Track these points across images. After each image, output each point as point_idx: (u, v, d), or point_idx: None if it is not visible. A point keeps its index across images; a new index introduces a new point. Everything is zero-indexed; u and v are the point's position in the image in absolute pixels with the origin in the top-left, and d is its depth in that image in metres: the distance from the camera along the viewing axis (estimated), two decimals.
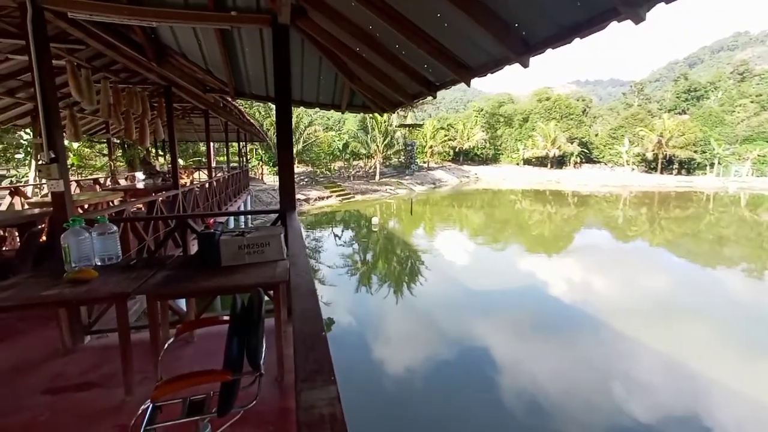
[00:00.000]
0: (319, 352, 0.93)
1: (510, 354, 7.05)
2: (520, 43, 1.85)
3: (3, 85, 6.68)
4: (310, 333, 1.02)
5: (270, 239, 2.83)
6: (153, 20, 3.10)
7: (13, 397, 2.29)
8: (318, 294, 1.54)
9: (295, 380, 0.84)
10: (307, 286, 1.40)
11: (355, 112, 5.10)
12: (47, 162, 2.92)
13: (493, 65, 2.30)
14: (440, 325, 8.39)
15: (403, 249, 16.70)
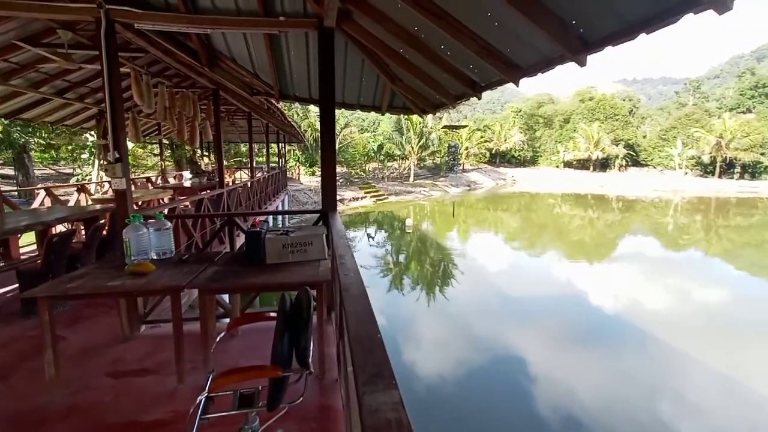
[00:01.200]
0: (377, 355, 0.93)
1: (546, 364, 6.77)
2: (577, 40, 1.77)
3: (75, 91, 7.30)
4: (366, 335, 1.02)
5: (313, 239, 2.89)
6: (208, 27, 3.26)
7: (84, 377, 2.48)
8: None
9: (356, 383, 0.84)
10: (357, 287, 1.40)
11: (395, 114, 5.11)
12: (112, 162, 3.15)
13: (545, 65, 2.22)
14: (473, 330, 8.21)
15: (436, 251, 16.55)
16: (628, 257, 14.60)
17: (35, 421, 2.07)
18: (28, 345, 2.92)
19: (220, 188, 6.38)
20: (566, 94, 59.69)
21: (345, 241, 2.22)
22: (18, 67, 5.79)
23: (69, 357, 2.71)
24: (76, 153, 16.10)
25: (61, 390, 2.32)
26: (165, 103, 4.93)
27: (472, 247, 16.92)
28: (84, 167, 15.09)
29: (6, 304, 3.76)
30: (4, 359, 2.71)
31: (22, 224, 4.12)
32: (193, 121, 5.83)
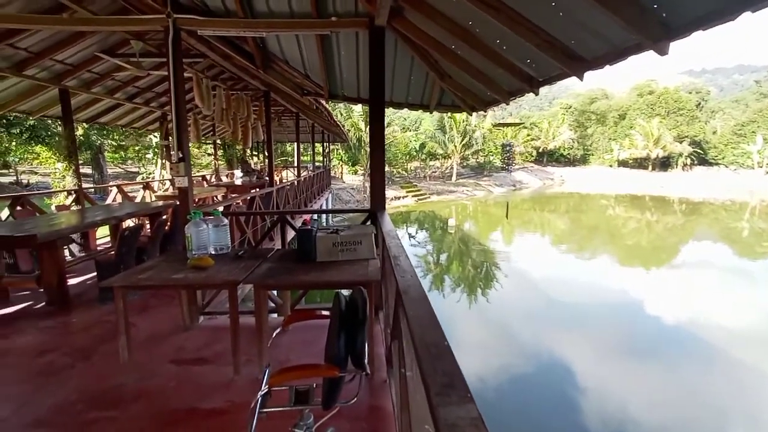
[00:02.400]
0: (447, 364, 0.88)
1: (597, 375, 6.35)
2: (659, 26, 1.60)
3: (142, 96, 7.92)
4: (432, 341, 0.98)
5: (362, 238, 2.90)
6: (264, 31, 3.37)
7: (151, 363, 2.66)
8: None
9: (427, 393, 0.80)
10: (416, 290, 1.36)
11: (444, 112, 5.01)
12: (176, 161, 3.35)
13: (615, 56, 2.05)
14: (516, 335, 7.89)
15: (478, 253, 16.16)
16: (694, 264, 13.36)
17: (112, 401, 2.25)
18: (104, 329, 3.19)
19: (270, 186, 6.64)
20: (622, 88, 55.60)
21: (397, 242, 2.19)
22: (98, 76, 6.37)
23: (138, 343, 2.91)
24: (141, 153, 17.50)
25: (133, 374, 2.51)
26: (222, 105, 5.20)
27: (516, 249, 16.32)
28: (147, 166, 16.38)
29: (86, 291, 4.14)
30: (86, 341, 2.98)
31: (99, 218, 4.51)
32: (246, 121, 6.11)
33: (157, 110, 8.95)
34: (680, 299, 9.84)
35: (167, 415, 2.14)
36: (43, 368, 2.62)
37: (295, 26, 3.33)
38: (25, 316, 3.53)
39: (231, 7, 3.44)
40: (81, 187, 6.47)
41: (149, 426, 2.04)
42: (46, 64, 5.46)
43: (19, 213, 5.20)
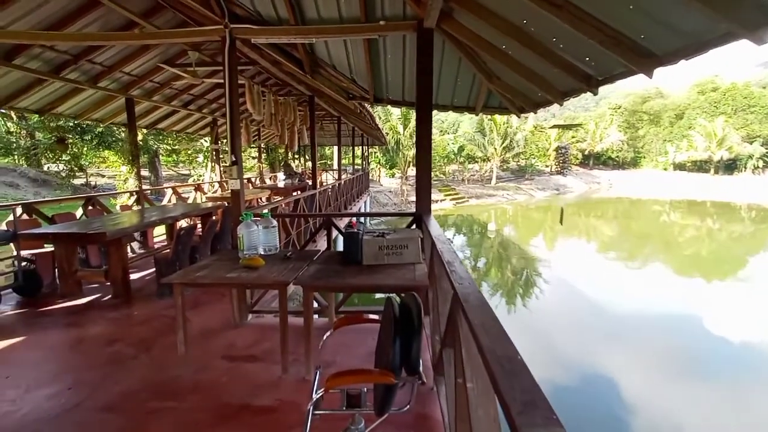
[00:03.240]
0: (524, 380, 0.83)
1: (648, 393, 5.87)
2: (756, 12, 1.44)
3: (195, 103, 8.41)
4: (504, 355, 0.93)
5: (408, 242, 2.86)
6: (314, 37, 3.46)
7: (204, 357, 2.78)
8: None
9: (506, 411, 0.75)
10: (477, 298, 1.31)
11: (490, 114, 4.89)
12: (230, 165, 3.50)
13: (693, 49, 1.87)
14: (558, 346, 7.48)
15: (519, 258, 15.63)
16: (765, 277, 12.10)
17: (171, 392, 2.37)
18: (162, 323, 3.38)
19: (313, 189, 6.79)
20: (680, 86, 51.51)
21: (449, 246, 2.14)
22: (158, 85, 6.83)
23: (192, 337, 3.04)
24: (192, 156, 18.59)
25: (189, 366, 2.63)
26: (271, 110, 5.40)
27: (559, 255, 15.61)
28: (198, 169, 17.35)
29: (145, 286, 4.42)
30: (147, 333, 3.17)
31: (158, 218, 4.82)
32: (292, 126, 6.30)
33: (208, 116, 9.46)
34: (748, 316, 8.93)
35: (221, 409, 2.21)
36: (111, 357, 2.81)
37: (344, 31, 3.38)
38: (94, 307, 3.83)
39: (283, 15, 3.55)
40: (141, 188, 6.95)
41: (205, 419, 2.12)
42: (115, 76, 5.94)
43: (90, 212, 5.67)
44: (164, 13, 5.05)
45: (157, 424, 2.08)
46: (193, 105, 8.51)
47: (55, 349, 2.98)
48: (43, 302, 3.93)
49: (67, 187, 15.85)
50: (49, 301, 3.95)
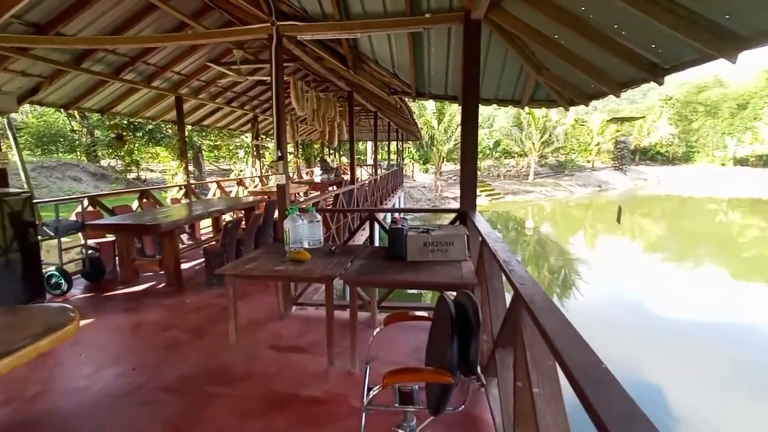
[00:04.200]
0: (615, 391, 0.78)
1: (700, 405, 5.47)
2: None
3: (238, 100, 8.70)
4: (587, 362, 0.88)
5: (454, 239, 2.82)
6: (359, 31, 3.45)
7: (253, 346, 2.88)
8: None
9: (598, 424, 0.70)
10: (544, 299, 1.25)
11: (537, 107, 4.71)
12: (276, 160, 3.58)
13: None
14: (598, 348, 7.10)
15: (557, 256, 15.08)
16: None
17: (224, 378, 2.47)
18: (212, 311, 3.54)
19: (351, 184, 6.86)
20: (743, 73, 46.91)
21: (503, 244, 2.07)
22: (204, 83, 7.12)
23: (241, 327, 3.16)
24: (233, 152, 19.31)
25: (240, 355, 2.73)
26: (313, 106, 5.49)
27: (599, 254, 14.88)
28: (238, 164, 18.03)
29: (195, 276, 4.65)
30: (199, 321, 3.33)
31: (206, 211, 5.04)
32: (332, 121, 6.39)
33: (249, 113, 9.77)
34: None
35: (272, 398, 2.28)
36: (168, 342, 2.98)
37: (389, 25, 3.35)
38: (150, 294, 4.07)
39: (328, 10, 3.57)
40: (189, 182, 7.30)
41: (258, 406, 2.20)
42: (167, 75, 6.25)
43: (145, 204, 6.03)
44: (212, 14, 5.24)
45: (213, 408, 2.18)
46: (235, 102, 8.82)
47: (118, 332, 3.19)
48: (106, 288, 4.23)
49: (122, 181, 16.97)
50: (111, 287, 4.24)
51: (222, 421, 2.08)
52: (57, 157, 17.42)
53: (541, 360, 1.24)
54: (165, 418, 2.10)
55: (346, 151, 21.75)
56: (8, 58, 4.30)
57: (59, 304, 1.79)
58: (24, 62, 4.55)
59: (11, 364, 1.35)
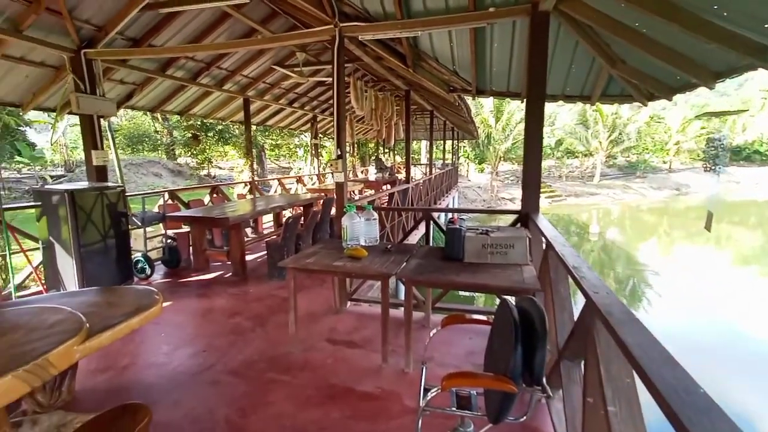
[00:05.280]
0: (720, 420, 0.69)
1: None
2: None
3: (299, 101, 9.10)
4: (681, 385, 0.78)
5: (515, 241, 2.70)
6: (420, 29, 3.43)
7: (310, 338, 2.99)
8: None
9: None
10: (622, 311, 1.15)
11: (608, 103, 4.36)
12: (335, 158, 3.69)
13: None
14: None
15: (625, 265, 13.89)
16: None
17: (284, 366, 2.59)
18: (273, 302, 3.74)
19: (406, 183, 6.87)
20: None
21: (571, 249, 1.94)
22: (269, 86, 7.53)
23: (299, 318, 3.29)
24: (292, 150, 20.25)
25: (298, 345, 2.85)
26: (372, 106, 5.57)
27: (678, 265, 13.42)
28: (297, 162, 18.87)
29: (257, 267, 4.94)
30: (261, 310, 3.54)
31: (269, 206, 5.33)
32: (389, 120, 6.44)
33: (309, 113, 10.17)
34: None
35: (328, 389, 2.35)
36: (234, 328, 3.19)
37: (451, 21, 3.28)
38: (218, 282, 4.40)
39: (390, 10, 3.59)
40: (254, 179, 7.78)
41: (315, 396, 2.28)
42: (236, 79, 6.71)
43: (215, 199, 6.53)
44: (278, 19, 5.53)
45: (274, 394, 2.30)
46: (297, 103, 9.23)
47: (191, 315, 3.49)
48: (181, 274, 4.64)
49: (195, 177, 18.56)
50: (185, 274, 4.65)
51: (282, 407, 2.18)
52: (142, 155, 19.52)
53: (617, 376, 1.14)
54: (231, 399, 2.26)
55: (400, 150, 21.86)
56: (111, 69, 4.89)
57: (146, 286, 1.99)
58: (122, 72, 5.15)
59: (111, 338, 1.52)
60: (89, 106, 4.33)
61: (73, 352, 1.38)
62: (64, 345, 1.33)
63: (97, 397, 2.28)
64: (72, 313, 1.59)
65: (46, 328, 1.47)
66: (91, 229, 3.63)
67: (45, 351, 1.27)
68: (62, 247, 3.54)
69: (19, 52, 4.13)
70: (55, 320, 1.54)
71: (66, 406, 2.07)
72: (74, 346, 1.38)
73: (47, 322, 1.52)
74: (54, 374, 1.29)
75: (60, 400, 2.09)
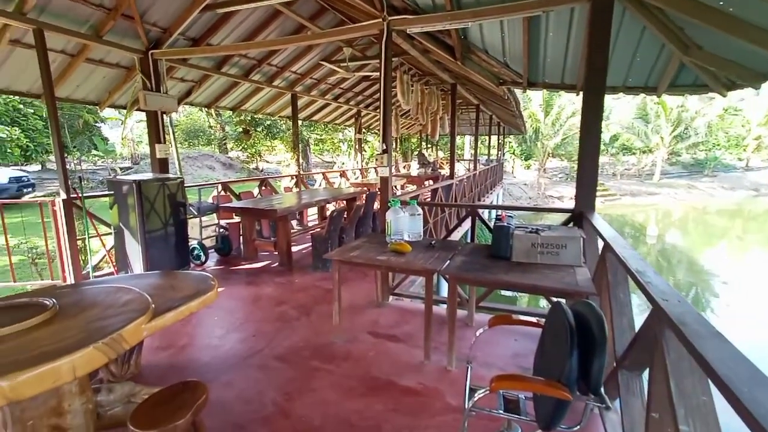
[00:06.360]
0: None
1: None
2: None
3: (344, 96, 9.22)
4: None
5: (568, 242, 2.56)
6: (470, 20, 3.32)
7: (352, 330, 3.04)
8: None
9: None
10: (698, 321, 1.04)
11: (677, 95, 4.00)
12: (380, 153, 3.69)
13: None
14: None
15: (687, 272, 12.79)
16: None
17: (327, 356, 2.66)
18: (317, 292, 3.84)
19: (450, 179, 6.76)
20: None
21: (633, 252, 1.80)
22: (316, 81, 7.69)
23: (342, 310, 3.37)
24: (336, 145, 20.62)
25: (341, 336, 2.91)
26: (417, 100, 5.52)
27: (754, 274, 12.12)
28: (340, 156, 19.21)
29: (302, 258, 5.09)
30: (306, 300, 3.65)
31: (313, 200, 5.47)
32: (435, 115, 6.36)
33: (353, 108, 10.28)
34: None
35: (370, 381, 2.38)
36: (280, 315, 3.32)
37: (505, 11, 3.15)
38: (266, 271, 4.59)
39: (439, 1, 3.52)
40: (300, 173, 8.02)
41: (357, 386, 2.31)
42: (285, 75, 6.92)
43: (264, 191, 6.81)
44: (326, 15, 5.63)
45: (318, 381, 2.36)
46: (342, 98, 9.36)
47: (242, 302, 3.67)
48: (232, 262, 4.90)
49: (244, 170, 19.48)
50: (236, 262, 4.90)
51: (325, 395, 2.24)
52: (198, 149, 20.79)
53: (692, 393, 1.04)
54: (278, 384, 2.35)
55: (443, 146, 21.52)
56: (174, 68, 5.24)
57: (202, 272, 2.12)
58: (183, 70, 5.49)
59: (173, 319, 1.64)
60: (155, 102, 4.66)
61: (142, 330, 1.50)
62: (134, 323, 1.45)
63: (159, 372, 2.47)
64: (141, 293, 1.73)
65: (119, 306, 1.61)
66: (154, 217, 3.93)
67: (119, 327, 1.39)
68: (130, 233, 3.86)
69: (99, 55, 4.54)
70: (127, 299, 1.67)
71: (134, 378, 2.26)
72: (142, 325, 1.50)
73: (120, 301, 1.66)
74: (126, 349, 1.41)
75: (129, 372, 2.29)
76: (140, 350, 2.45)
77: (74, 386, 1.43)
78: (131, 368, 2.32)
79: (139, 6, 4.06)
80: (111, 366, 2.20)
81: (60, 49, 4.17)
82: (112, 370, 2.21)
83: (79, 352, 1.21)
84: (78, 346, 1.24)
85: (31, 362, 1.14)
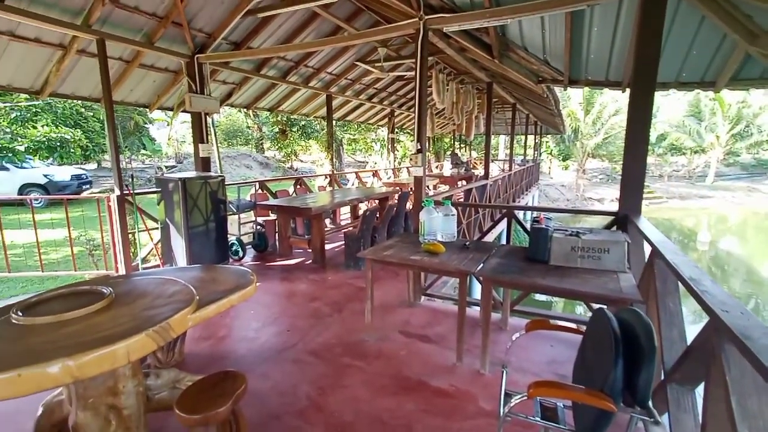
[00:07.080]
0: None
1: None
2: None
3: (378, 96, 9.27)
4: None
5: (611, 246, 2.44)
6: (509, 17, 3.24)
7: (384, 328, 3.05)
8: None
9: None
10: (764, 333, 0.96)
11: (740, 89, 3.70)
12: (415, 153, 3.68)
13: None
14: None
15: (745, 282, 11.84)
16: None
17: (359, 353, 2.69)
18: (349, 290, 3.89)
19: (484, 179, 6.63)
20: None
21: (685, 258, 1.69)
22: (350, 81, 7.79)
23: (374, 308, 3.39)
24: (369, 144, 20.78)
25: (373, 334, 2.93)
26: (453, 99, 5.46)
27: None
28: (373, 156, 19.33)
29: (334, 256, 5.17)
30: (338, 297, 3.70)
31: (345, 199, 5.54)
32: (470, 114, 6.26)
33: (387, 107, 10.31)
34: None
35: (401, 380, 2.38)
36: (313, 311, 3.39)
37: (547, 6, 3.04)
38: (300, 268, 4.70)
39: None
40: (334, 172, 8.15)
41: (389, 385, 2.32)
42: (321, 76, 7.05)
43: (299, 190, 6.98)
44: (362, 16, 5.68)
45: (350, 378, 2.39)
46: (375, 98, 9.41)
47: (277, 297, 3.78)
48: (268, 258, 5.06)
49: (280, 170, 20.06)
50: (271, 258, 5.06)
51: (357, 392, 2.26)
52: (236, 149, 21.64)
53: (758, 413, 0.96)
54: (311, 378, 2.40)
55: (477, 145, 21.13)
56: (217, 71, 5.49)
57: (241, 267, 2.20)
58: (225, 73, 5.74)
59: (215, 311, 1.71)
60: (199, 104, 4.90)
61: (187, 320, 1.58)
62: (181, 313, 1.53)
63: (200, 361, 2.60)
64: (186, 285, 1.82)
65: (167, 296, 1.70)
66: (197, 213, 4.13)
67: (167, 316, 1.47)
68: (175, 228, 4.08)
69: (150, 60, 4.85)
70: (174, 290, 1.77)
71: (178, 366, 2.39)
72: (188, 315, 1.58)
73: (168, 292, 1.76)
74: (173, 337, 1.50)
75: (173, 360, 2.43)
76: (184, 339, 2.58)
77: (128, 369, 1.53)
78: (176, 356, 2.45)
79: (187, 13, 4.29)
80: (158, 353, 2.33)
81: (117, 56, 4.49)
82: (159, 356, 2.34)
83: (133, 338, 1.30)
84: (132, 332, 1.33)
85: (93, 345, 1.23)
